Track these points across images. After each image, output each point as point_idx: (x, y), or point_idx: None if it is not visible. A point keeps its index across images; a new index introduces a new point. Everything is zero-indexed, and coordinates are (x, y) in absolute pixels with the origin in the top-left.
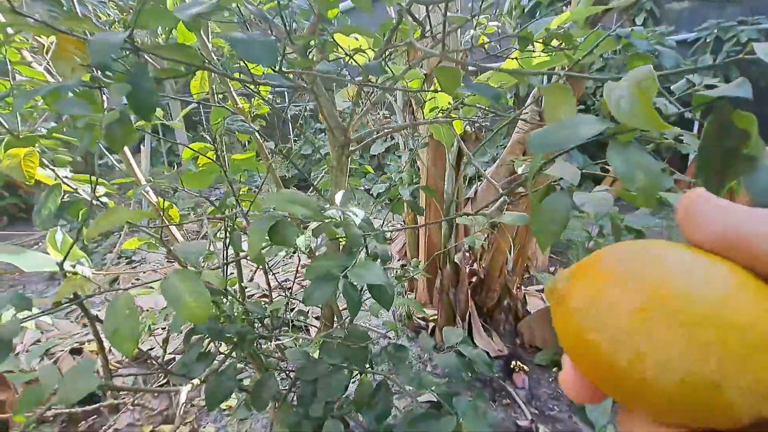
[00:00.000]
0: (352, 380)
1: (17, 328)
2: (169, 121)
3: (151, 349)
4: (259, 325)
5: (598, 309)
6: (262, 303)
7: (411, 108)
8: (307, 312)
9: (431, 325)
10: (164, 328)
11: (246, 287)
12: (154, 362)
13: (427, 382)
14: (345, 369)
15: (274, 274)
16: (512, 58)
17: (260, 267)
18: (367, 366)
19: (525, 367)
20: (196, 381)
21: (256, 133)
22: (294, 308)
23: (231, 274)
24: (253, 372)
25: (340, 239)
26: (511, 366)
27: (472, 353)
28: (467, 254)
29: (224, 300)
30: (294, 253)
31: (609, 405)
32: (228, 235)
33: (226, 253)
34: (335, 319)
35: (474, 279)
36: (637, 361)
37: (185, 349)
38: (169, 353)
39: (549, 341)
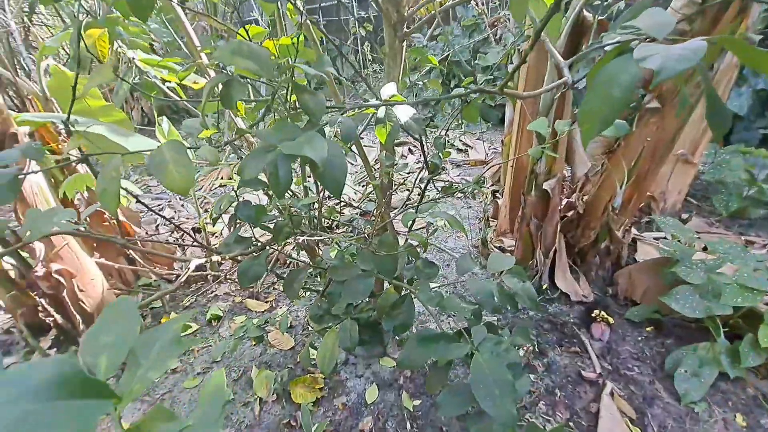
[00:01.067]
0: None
1: (13, 176)
2: None
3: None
4: (312, 221)
5: None
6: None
7: None
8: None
9: (507, 255)
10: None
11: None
12: (200, 243)
13: (450, 305)
14: (373, 276)
15: None
16: None
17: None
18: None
19: (609, 319)
20: (216, 257)
21: (296, 6)
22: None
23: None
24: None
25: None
26: (593, 315)
27: (516, 285)
28: (566, 182)
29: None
30: None
31: (710, 379)
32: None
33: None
34: (386, 229)
35: (570, 213)
36: None
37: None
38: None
39: (650, 297)
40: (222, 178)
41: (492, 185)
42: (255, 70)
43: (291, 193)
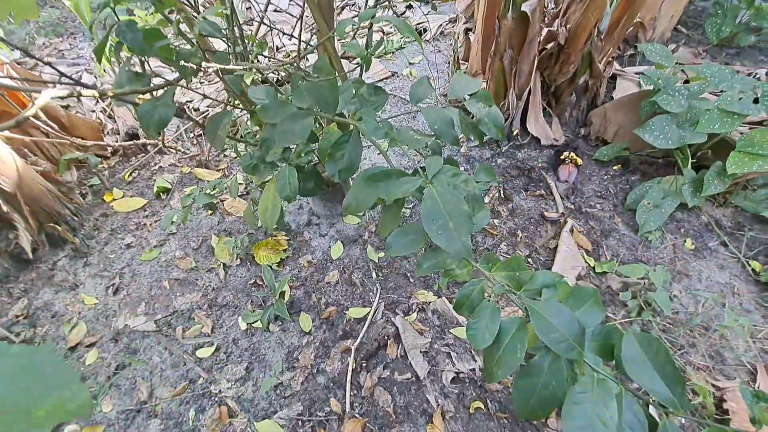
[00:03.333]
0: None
1: None
2: None
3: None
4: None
5: None
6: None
7: None
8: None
9: None
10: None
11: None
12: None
13: (402, 138)
14: (312, 114)
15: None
16: None
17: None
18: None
19: (578, 160)
20: (88, 92)
21: None
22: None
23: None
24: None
25: None
26: (562, 157)
27: (481, 110)
28: (547, 10)
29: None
30: None
31: (670, 209)
32: None
33: None
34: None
35: (550, 45)
36: None
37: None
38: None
39: (623, 135)
40: None
41: (465, 23)
42: None
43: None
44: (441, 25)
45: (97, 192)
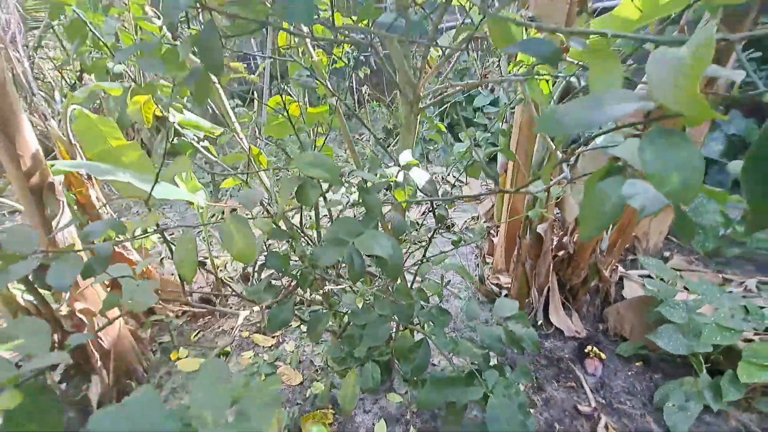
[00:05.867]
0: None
1: (110, 248)
2: (248, 75)
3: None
4: (327, 269)
5: None
6: None
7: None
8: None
9: (504, 292)
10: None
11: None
12: (230, 289)
13: (463, 350)
14: (391, 321)
15: None
16: None
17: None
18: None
19: (601, 354)
20: (256, 308)
21: (327, 88)
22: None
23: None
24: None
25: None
26: (586, 350)
27: (521, 330)
28: (556, 225)
29: (302, 242)
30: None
31: (696, 412)
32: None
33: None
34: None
35: (561, 253)
36: None
37: (257, 279)
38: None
39: (637, 333)
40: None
41: (486, 222)
42: (324, 177)
43: (308, 241)
44: (466, 221)
45: (164, 350)
